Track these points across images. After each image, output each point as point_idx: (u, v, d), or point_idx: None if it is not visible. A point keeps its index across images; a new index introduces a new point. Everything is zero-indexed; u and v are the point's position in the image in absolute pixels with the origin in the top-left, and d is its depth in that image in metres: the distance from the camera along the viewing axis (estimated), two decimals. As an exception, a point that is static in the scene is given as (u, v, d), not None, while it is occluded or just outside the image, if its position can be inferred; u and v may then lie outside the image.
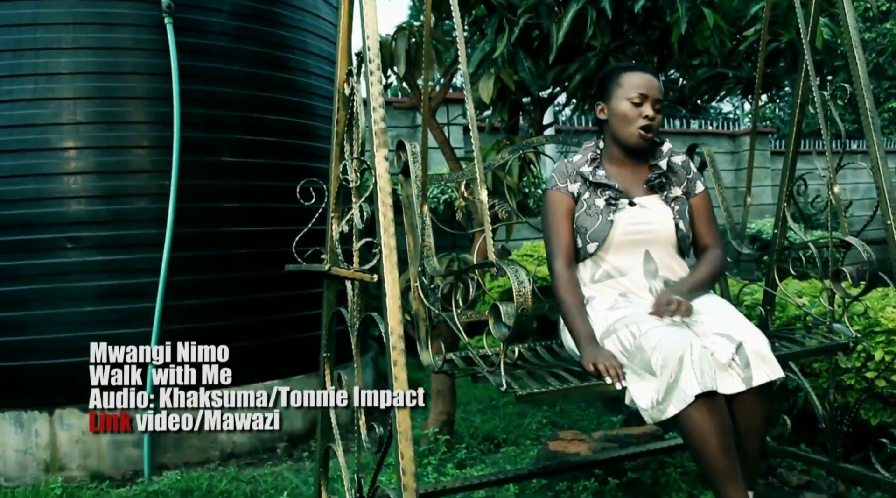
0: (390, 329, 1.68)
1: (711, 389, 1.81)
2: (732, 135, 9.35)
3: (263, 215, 3.71)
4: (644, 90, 2.14)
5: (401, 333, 1.69)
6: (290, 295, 3.75)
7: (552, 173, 2.30)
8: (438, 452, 3.29)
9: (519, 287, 1.75)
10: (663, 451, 2.86)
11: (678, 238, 2.21)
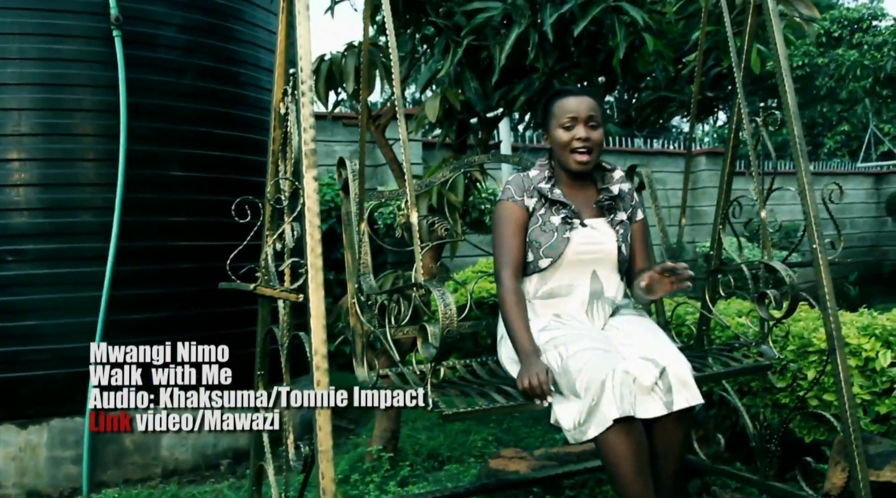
0: (314, 349, 1.69)
1: (629, 414, 1.86)
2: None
3: (212, 230, 3.69)
4: (573, 113, 2.19)
5: (324, 353, 1.70)
6: (238, 310, 3.73)
7: (507, 185, 2.31)
8: (381, 470, 3.29)
9: (445, 309, 1.78)
10: (600, 469, 2.89)
11: (619, 260, 2.26)
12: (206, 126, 3.68)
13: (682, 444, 2.01)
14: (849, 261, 11.20)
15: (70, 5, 3.41)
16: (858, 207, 11.37)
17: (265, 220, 2.15)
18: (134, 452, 3.46)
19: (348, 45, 3.32)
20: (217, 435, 3.67)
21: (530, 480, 2.77)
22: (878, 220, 11.44)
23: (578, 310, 2.19)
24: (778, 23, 2.54)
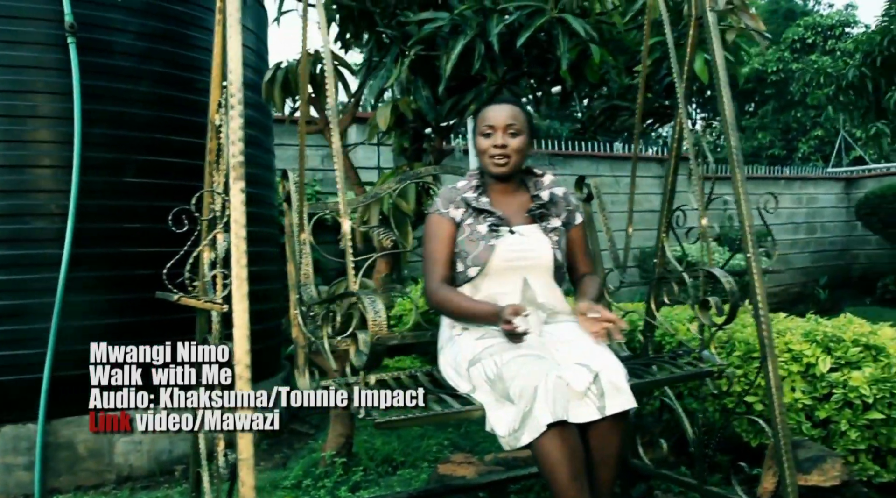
0: (237, 359, 1.72)
1: (562, 418, 1.89)
2: (661, 160, 9.60)
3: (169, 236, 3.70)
4: (492, 121, 2.24)
5: (247, 363, 1.72)
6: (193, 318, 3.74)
7: (436, 198, 2.37)
8: (334, 475, 3.32)
9: (374, 317, 1.82)
10: (547, 473, 2.93)
11: (555, 267, 2.30)
12: (163, 133, 3.69)
13: (617, 449, 2.04)
14: (819, 265, 11.34)
15: (24, 12, 3.41)
16: (829, 212, 11.51)
17: (202, 230, 2.17)
18: (87, 459, 3.46)
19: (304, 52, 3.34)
20: (172, 441, 3.68)
21: (475, 486, 2.80)
22: (848, 225, 11.58)
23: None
24: (717, 35, 2.59)
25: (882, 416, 2.85)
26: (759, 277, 2.42)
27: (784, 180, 11.06)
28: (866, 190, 10.95)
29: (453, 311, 2.19)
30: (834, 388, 2.92)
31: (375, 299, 1.83)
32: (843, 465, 2.45)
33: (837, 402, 2.90)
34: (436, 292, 2.21)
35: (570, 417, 1.90)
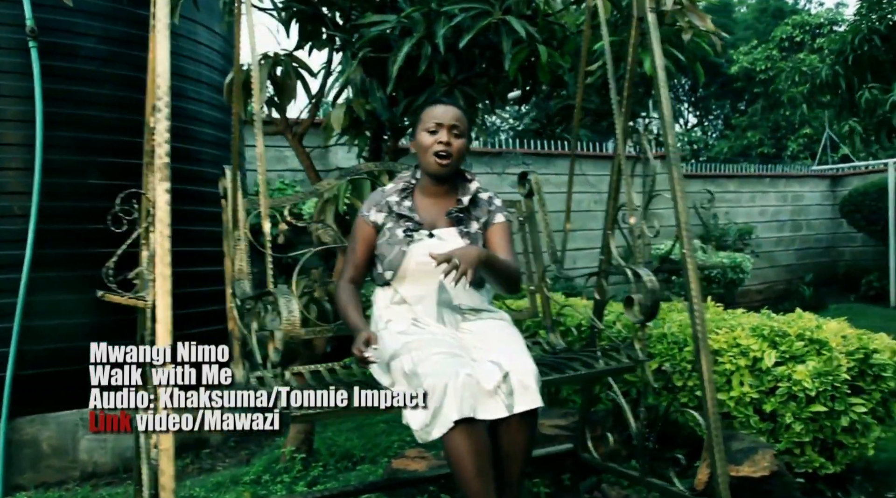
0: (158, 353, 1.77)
1: (469, 415, 1.94)
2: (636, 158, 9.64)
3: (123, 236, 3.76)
4: (438, 120, 2.29)
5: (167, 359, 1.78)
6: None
7: (366, 201, 2.43)
8: (293, 471, 3.37)
9: (288, 316, 1.88)
10: (497, 467, 2.98)
11: None
12: (127, 135, 3.73)
13: (525, 445, 2.08)
14: (805, 262, 11.39)
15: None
16: (815, 209, 11.55)
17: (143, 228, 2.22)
18: (51, 456, 3.51)
19: (263, 54, 3.40)
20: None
21: (424, 479, 2.85)
22: (833, 222, 11.62)
23: (427, 317, 2.28)
24: (657, 36, 2.64)
25: (825, 409, 2.90)
26: (694, 273, 2.46)
27: (769, 178, 11.10)
28: (851, 187, 10.99)
29: (339, 311, 2.33)
30: (779, 381, 2.97)
31: (291, 299, 1.89)
32: (773, 456, 2.50)
33: (782, 395, 2.95)
34: (337, 290, 2.34)
35: (478, 414, 1.96)
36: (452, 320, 2.29)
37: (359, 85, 3.23)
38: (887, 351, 3.05)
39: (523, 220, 3.02)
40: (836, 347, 2.95)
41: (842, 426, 2.94)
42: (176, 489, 1.87)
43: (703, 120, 21.09)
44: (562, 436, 3.16)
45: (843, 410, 2.93)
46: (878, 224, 10.16)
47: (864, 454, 3.08)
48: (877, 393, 3.02)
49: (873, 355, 3.00)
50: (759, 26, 17.18)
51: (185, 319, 3.80)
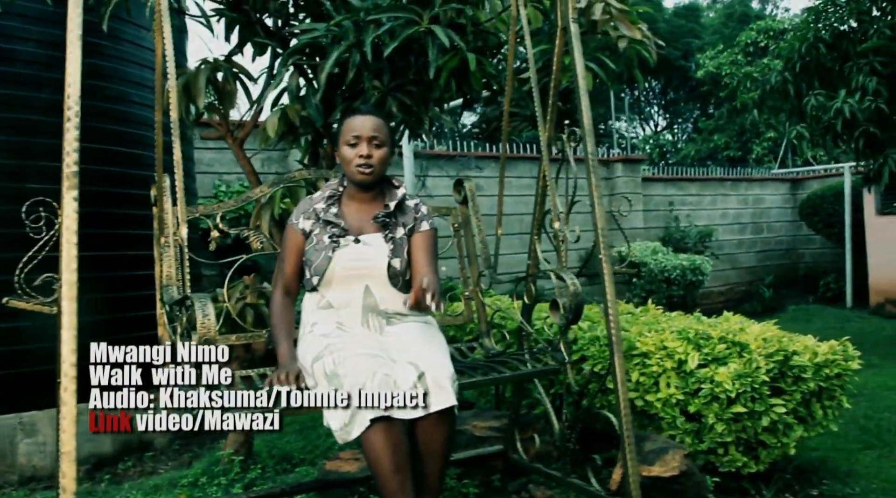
0: (63, 358, 1.80)
1: (385, 415, 1.99)
2: (606, 161, 9.75)
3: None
4: (357, 132, 2.33)
5: (73, 362, 1.81)
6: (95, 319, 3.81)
7: (295, 209, 2.47)
8: (232, 473, 3.40)
9: (203, 320, 1.91)
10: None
11: (391, 274, 2.37)
12: (68, 139, 3.75)
13: (443, 443, 2.13)
14: (766, 264, 11.57)
15: (-81, 21, 3.46)
16: (775, 212, 11.74)
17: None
18: (-10, 460, 3.52)
19: (202, 60, 3.43)
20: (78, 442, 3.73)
21: (354, 480, 2.89)
22: (794, 225, 11.82)
23: (353, 321, 2.32)
24: (579, 46, 2.70)
25: (745, 409, 2.98)
26: (609, 278, 2.51)
27: (731, 181, 11.26)
28: (810, 191, 11.19)
29: (270, 329, 2.38)
30: (702, 383, 3.05)
31: (206, 303, 1.93)
32: (683, 456, 2.57)
33: (705, 396, 3.02)
34: (271, 303, 2.39)
35: (394, 414, 2.00)
36: (377, 324, 2.34)
37: (294, 91, 3.27)
38: (808, 353, 3.14)
39: (458, 226, 3.07)
40: (756, 350, 3.03)
41: (763, 426, 3.02)
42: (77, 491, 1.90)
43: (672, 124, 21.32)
44: (494, 437, 3.22)
45: (764, 411, 3.01)
46: (835, 227, 10.36)
47: (787, 453, 3.16)
48: (797, 394, 3.10)
49: (793, 357, 3.08)
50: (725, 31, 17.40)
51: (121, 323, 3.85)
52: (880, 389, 5.33)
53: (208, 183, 7.01)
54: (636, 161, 10.00)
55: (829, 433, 3.89)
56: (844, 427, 4.33)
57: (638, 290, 8.99)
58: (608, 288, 2.53)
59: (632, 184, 9.75)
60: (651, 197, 10.19)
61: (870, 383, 5.52)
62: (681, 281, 8.87)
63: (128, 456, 3.88)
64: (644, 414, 3.26)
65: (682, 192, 10.51)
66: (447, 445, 2.16)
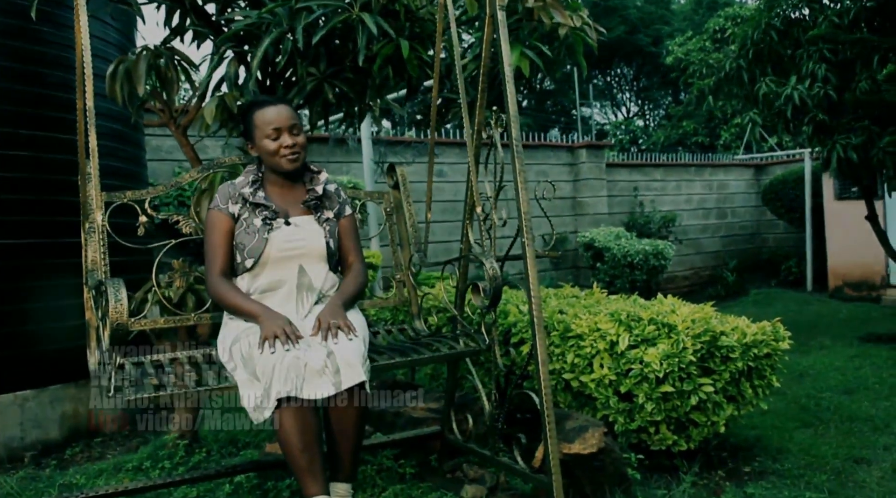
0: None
1: (293, 394, 2.04)
2: (570, 147, 9.82)
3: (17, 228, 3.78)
4: (276, 124, 2.38)
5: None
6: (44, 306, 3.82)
7: (216, 195, 2.51)
8: (176, 457, 3.43)
9: (115, 304, 1.95)
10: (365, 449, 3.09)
11: (328, 254, 2.46)
12: (10, 126, 3.75)
13: (355, 422, 2.19)
14: (730, 248, 11.72)
15: None
16: (740, 197, 11.89)
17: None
18: (-66, 447, 3.53)
19: (143, 47, 3.43)
20: (24, 428, 3.76)
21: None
22: (757, 210, 11.98)
23: (286, 301, 2.38)
24: (505, 32, 2.73)
25: (673, 389, 3.06)
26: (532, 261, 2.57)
27: (695, 167, 11.39)
28: (772, 176, 11.33)
29: (227, 305, 2.35)
30: (633, 363, 3.12)
31: (119, 287, 1.96)
32: (602, 434, 2.65)
33: (636, 376, 3.10)
34: (215, 286, 2.36)
35: (302, 393, 2.06)
36: (308, 302, 2.40)
37: (233, 79, 3.29)
38: (736, 333, 3.22)
39: (391, 210, 3.12)
40: (684, 331, 3.10)
41: (691, 405, 3.10)
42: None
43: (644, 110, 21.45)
44: (431, 418, 3.28)
45: (692, 390, 3.09)
46: (796, 212, 10.52)
47: (718, 431, 3.25)
48: (726, 373, 3.18)
49: (721, 338, 3.16)
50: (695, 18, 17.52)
51: (71, 330, 3.86)
52: (826, 370, 5.46)
53: (167, 170, 7.01)
54: (601, 147, 10.08)
55: (769, 412, 4.02)
56: (785, 406, 4.46)
57: (602, 275, 9.10)
58: (531, 271, 2.58)
59: (596, 170, 9.84)
60: (616, 183, 10.28)
61: (817, 364, 5.66)
62: (644, 266, 8.99)
63: (76, 442, 3.91)
64: (581, 394, 3.34)
65: (646, 178, 10.61)
66: (359, 425, 2.22)
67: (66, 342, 3.92)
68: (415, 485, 2.99)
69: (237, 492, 3.03)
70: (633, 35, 17.52)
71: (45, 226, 3.85)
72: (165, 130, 6.69)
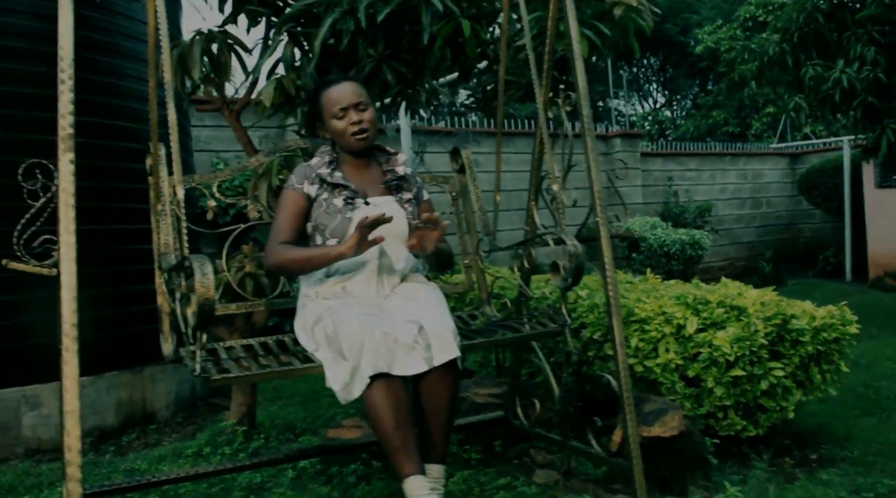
0: (64, 318, 1.81)
1: (384, 371, 2.00)
2: (605, 136, 9.72)
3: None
4: (342, 103, 2.35)
5: (74, 322, 1.81)
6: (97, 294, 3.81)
7: (292, 174, 2.47)
8: (235, 443, 3.42)
9: (202, 279, 1.91)
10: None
11: (409, 235, 2.41)
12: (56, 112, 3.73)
13: (448, 399, 2.14)
14: (765, 239, 11.57)
15: None
16: (775, 187, 11.73)
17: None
18: (-6, 433, 3.54)
19: (197, 31, 3.40)
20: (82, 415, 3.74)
21: (355, 446, 2.90)
22: (793, 199, 11.81)
23: (368, 281, 2.34)
24: (573, 11, 2.68)
25: (744, 373, 2.99)
26: (606, 241, 2.51)
27: (730, 156, 11.25)
28: (808, 165, 11.17)
29: (293, 262, 2.28)
30: (701, 347, 3.06)
31: (204, 263, 1.93)
32: (682, 417, 2.59)
33: (704, 360, 3.03)
34: (271, 255, 2.32)
35: (394, 370, 2.02)
36: (390, 284, 2.37)
37: (289, 61, 3.25)
38: (805, 317, 3.15)
39: (456, 195, 3.07)
40: (755, 314, 3.03)
41: (761, 390, 3.03)
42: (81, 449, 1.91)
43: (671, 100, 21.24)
44: (494, 404, 3.24)
45: (762, 374, 3.02)
46: (834, 201, 10.35)
47: (786, 417, 3.18)
48: (795, 357, 3.11)
49: (791, 321, 3.09)
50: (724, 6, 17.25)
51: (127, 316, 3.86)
52: (879, 359, 5.36)
53: (206, 160, 7.00)
54: (635, 136, 9.98)
55: (827, 400, 3.93)
56: (843, 395, 4.36)
57: (637, 265, 9.00)
58: (605, 252, 2.53)
59: (631, 159, 9.74)
60: (650, 172, 10.18)
61: (868, 353, 5.55)
62: (680, 255, 8.88)
63: (131, 429, 3.91)
64: (644, 380, 3.28)
65: (681, 167, 10.49)
66: (452, 402, 2.16)
67: (121, 329, 3.92)
68: (481, 471, 2.94)
69: (301, 477, 3.01)
70: (660, 24, 17.34)
71: (95, 213, 3.84)
72: (200, 120, 6.71)
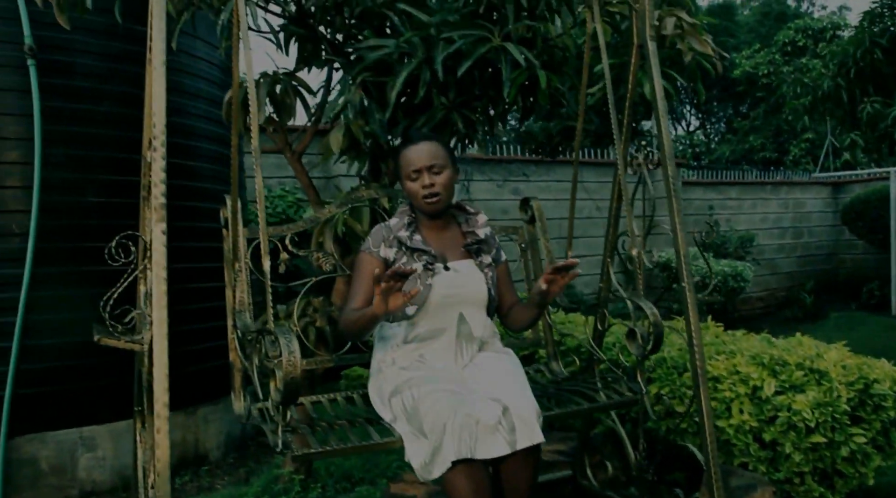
0: (156, 396, 1.76)
1: (466, 456, 1.93)
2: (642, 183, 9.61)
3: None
4: (416, 165, 2.28)
5: (165, 402, 1.77)
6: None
7: (368, 236, 2.41)
8: (292, 492, 3.36)
9: (289, 356, 1.86)
10: None
11: (489, 301, 2.35)
12: (126, 152, 3.72)
13: (528, 482, 2.08)
14: (806, 269, 11.36)
15: (-17, 35, 3.45)
16: (816, 216, 11.53)
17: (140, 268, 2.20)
18: (50, 474, 3.51)
19: (262, 73, 3.38)
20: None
21: (420, 507, 2.84)
22: (835, 229, 11.60)
23: (446, 350, 2.27)
24: (657, 64, 2.62)
25: (825, 439, 2.88)
26: (693, 307, 2.44)
27: (771, 185, 11.08)
28: (852, 195, 10.96)
29: (351, 325, 2.18)
30: (779, 411, 2.95)
31: (291, 338, 1.87)
32: (773, 493, 2.49)
33: (782, 425, 2.93)
34: (340, 319, 2.26)
35: (477, 453, 1.95)
36: (469, 352, 2.30)
37: (357, 107, 3.21)
38: (888, 380, 3.04)
39: (525, 246, 3.01)
40: (836, 377, 2.93)
41: (842, 456, 2.92)
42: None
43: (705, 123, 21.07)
44: (561, 462, 3.15)
45: (843, 441, 2.91)
46: (879, 232, 10.14)
47: (865, 483, 3.06)
48: (877, 422, 3.00)
49: (874, 385, 2.98)
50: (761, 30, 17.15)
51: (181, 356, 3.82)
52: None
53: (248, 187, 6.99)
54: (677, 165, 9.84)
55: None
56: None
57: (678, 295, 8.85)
58: (692, 320, 2.46)
59: (672, 188, 9.59)
60: (690, 201, 10.04)
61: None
62: (722, 287, 8.73)
63: (184, 470, 3.86)
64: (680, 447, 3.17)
65: (721, 196, 10.34)
66: (532, 483, 2.10)
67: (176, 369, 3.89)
68: (550, 534, 2.86)
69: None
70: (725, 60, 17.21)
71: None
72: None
